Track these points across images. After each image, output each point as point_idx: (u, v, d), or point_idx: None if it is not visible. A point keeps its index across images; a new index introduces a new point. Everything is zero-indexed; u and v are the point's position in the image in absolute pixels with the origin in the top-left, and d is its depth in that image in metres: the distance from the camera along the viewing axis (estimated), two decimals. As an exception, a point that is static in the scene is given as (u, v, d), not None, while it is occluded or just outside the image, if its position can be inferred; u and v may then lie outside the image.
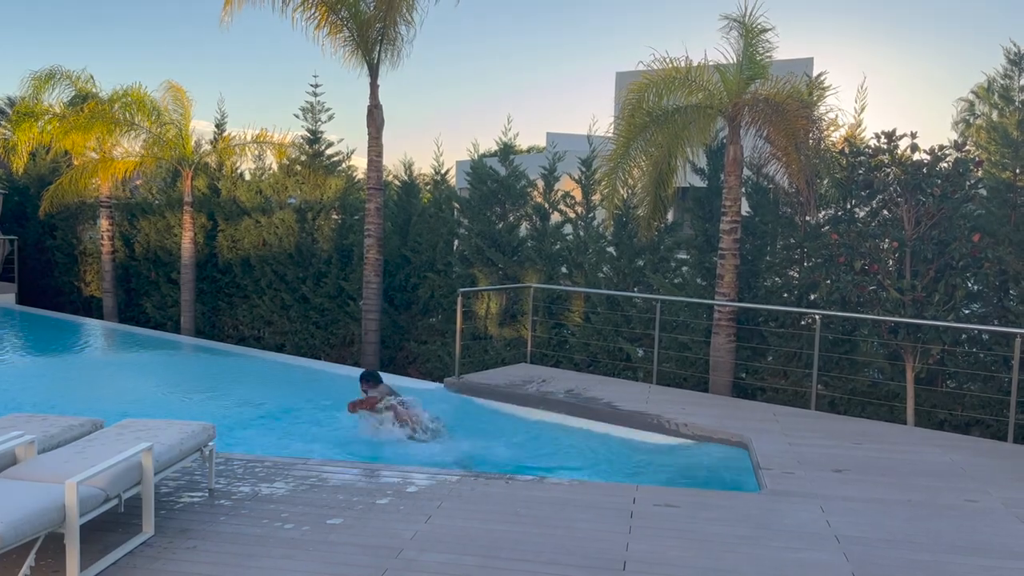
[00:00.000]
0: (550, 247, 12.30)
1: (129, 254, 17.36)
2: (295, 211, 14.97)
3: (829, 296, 9.22)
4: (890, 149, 8.87)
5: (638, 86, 9.81)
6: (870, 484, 6.17)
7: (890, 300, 8.66)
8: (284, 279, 14.95)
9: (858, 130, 10.12)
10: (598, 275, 11.77)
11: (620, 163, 9.96)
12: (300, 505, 5.32)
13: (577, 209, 12.29)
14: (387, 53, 12.72)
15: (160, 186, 17.21)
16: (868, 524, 5.32)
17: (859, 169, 9.22)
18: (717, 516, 5.37)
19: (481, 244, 12.61)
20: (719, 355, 9.72)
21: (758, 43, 9.49)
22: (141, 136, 15.68)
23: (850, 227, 9.22)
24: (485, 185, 12.85)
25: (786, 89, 9.32)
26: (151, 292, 17.03)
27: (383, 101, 12.86)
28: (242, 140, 15.98)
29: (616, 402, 8.65)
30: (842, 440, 7.44)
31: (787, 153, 9.19)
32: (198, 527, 4.88)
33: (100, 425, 5.62)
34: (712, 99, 9.63)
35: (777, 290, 10.29)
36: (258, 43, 65.51)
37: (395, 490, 5.72)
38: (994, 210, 8.91)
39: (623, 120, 9.88)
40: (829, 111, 9.54)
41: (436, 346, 13.04)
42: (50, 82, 15.98)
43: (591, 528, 5.10)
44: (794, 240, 10.13)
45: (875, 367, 9.59)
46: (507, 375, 10.03)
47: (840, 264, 9.09)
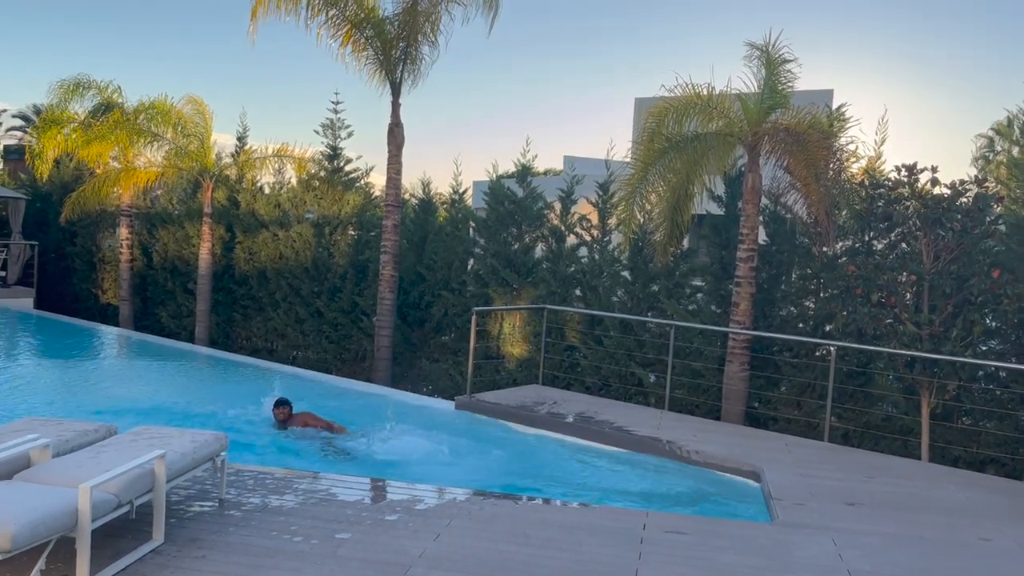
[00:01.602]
0: (565, 269, 12.31)
1: (147, 263, 17.51)
2: (313, 226, 15.07)
3: (845, 328, 9.17)
4: (910, 182, 8.86)
5: (658, 111, 9.85)
6: (883, 519, 6.11)
7: (907, 334, 8.60)
8: (299, 293, 15.02)
9: (878, 162, 10.11)
10: (612, 299, 11.76)
11: (638, 187, 9.98)
12: (309, 518, 5.31)
13: (593, 232, 12.31)
14: (409, 73, 12.87)
15: (180, 197, 17.38)
16: (881, 559, 5.25)
17: (878, 201, 9.21)
18: (728, 545, 5.33)
19: (496, 264, 12.64)
20: (732, 383, 9.67)
21: (780, 73, 9.53)
22: (164, 147, 15.88)
23: (868, 259, 9.19)
24: (502, 206, 12.90)
25: (807, 119, 9.34)
26: (167, 301, 17.15)
27: (404, 119, 12.98)
28: (263, 153, 16.15)
29: (628, 427, 8.61)
30: (855, 473, 7.37)
31: (806, 183, 9.19)
32: (208, 536, 4.88)
33: (114, 431, 5.65)
34: (732, 127, 9.66)
35: (792, 320, 10.24)
36: (282, 59, 66.25)
37: (404, 507, 5.71)
38: (1014, 247, 8.86)
39: (642, 145, 9.92)
40: (850, 143, 9.53)
41: (448, 364, 13.05)
42: (77, 91, 16.25)
43: (600, 552, 5.06)
44: (811, 270, 10.10)
45: (890, 401, 9.51)
46: (519, 396, 10.01)
47: (857, 296, 9.05)
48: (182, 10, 63.49)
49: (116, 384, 11.10)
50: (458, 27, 12.65)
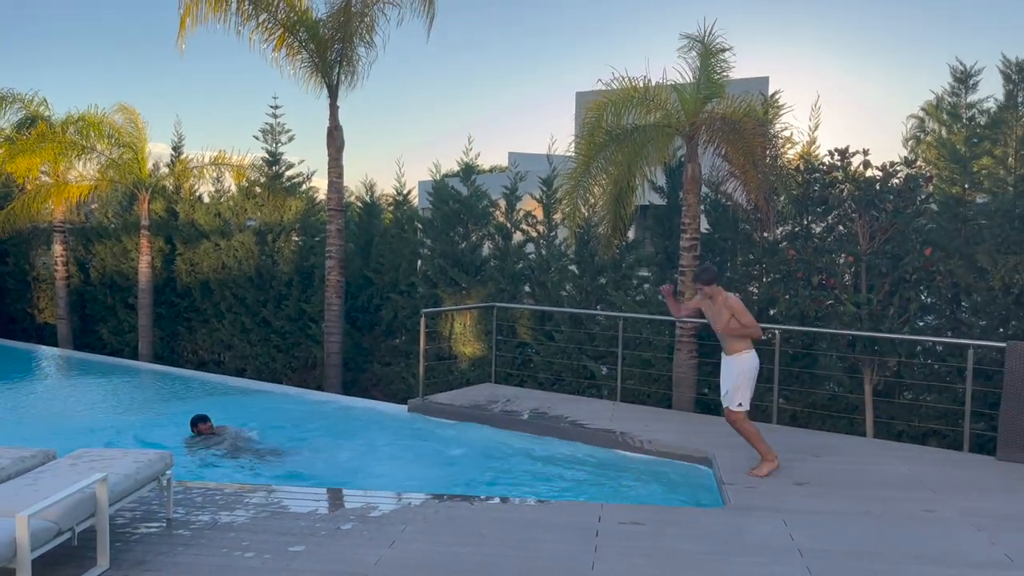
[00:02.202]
0: (513, 266, 12.32)
1: (84, 279, 17.03)
2: (255, 233, 14.81)
3: (788, 311, 9.34)
4: (843, 166, 9.07)
5: (597, 105, 9.91)
6: (831, 496, 6.24)
7: (847, 314, 8.81)
8: (244, 302, 14.76)
9: (813, 147, 10.32)
10: (561, 293, 11.80)
11: (581, 181, 10.03)
12: (261, 533, 5.22)
13: (539, 228, 12.33)
14: (346, 74, 12.72)
15: (116, 210, 16.93)
16: (830, 537, 5.37)
17: (814, 186, 9.40)
18: (682, 533, 5.39)
19: (444, 264, 12.59)
20: (681, 371, 9.79)
21: (716, 63, 9.65)
22: (96, 159, 15.44)
23: (807, 243, 9.38)
24: (447, 205, 12.85)
25: (742, 108, 9.48)
26: (107, 318, 16.71)
27: (343, 122, 12.84)
28: (200, 162, 15.82)
29: (582, 420, 8.65)
30: (803, 453, 7.52)
31: (744, 171, 9.33)
32: (155, 558, 4.76)
33: (52, 456, 5.47)
34: (670, 118, 9.76)
35: (737, 306, 10.39)
36: (215, 64, 64.99)
37: (358, 515, 5.65)
38: (944, 224, 9.13)
39: (583, 139, 9.97)
40: (784, 129, 9.72)
41: (400, 367, 12.96)
42: (1, 105, 15.69)
43: (556, 548, 5.07)
44: (753, 256, 10.27)
45: (834, 380, 9.72)
46: (472, 395, 9.99)
47: (798, 279, 9.24)
48: (111, 23, 61.85)
49: (55, 407, 10.77)
50: (394, 28, 12.55)
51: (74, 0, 60.58)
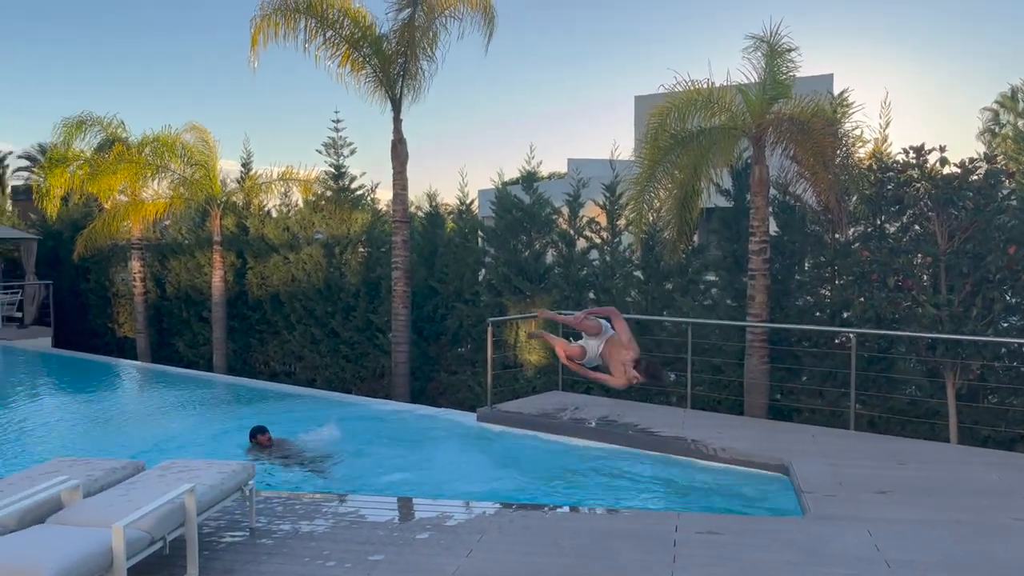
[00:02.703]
0: (577, 273, 12.29)
1: (160, 294, 17.61)
2: (322, 246, 15.12)
3: (863, 314, 9.11)
4: (919, 163, 8.80)
5: (660, 109, 9.83)
6: (916, 505, 6.05)
7: (926, 316, 8.54)
8: (313, 314, 15.06)
9: (884, 145, 10.05)
10: (626, 300, 11.72)
11: (646, 186, 9.96)
12: (341, 542, 5.31)
13: (603, 234, 12.29)
14: (409, 88, 12.89)
15: (189, 226, 17.48)
16: (917, 547, 5.20)
17: (888, 185, 9.15)
18: (762, 543, 5.29)
19: (508, 272, 12.64)
20: (753, 377, 9.62)
21: (782, 63, 9.49)
22: (170, 178, 15.98)
23: (881, 243, 9.13)
24: (510, 214, 12.90)
25: (811, 107, 9.30)
26: (183, 331, 17.24)
27: (406, 133, 13.01)
28: (268, 178, 16.23)
29: (652, 428, 8.57)
30: (884, 460, 7.31)
31: (814, 171, 9.14)
32: (242, 567, 4.88)
33: (142, 467, 5.66)
34: (735, 120, 9.63)
35: (809, 309, 10.19)
36: (281, 81, 66.56)
37: (434, 524, 5.70)
38: (1028, 221, 8.78)
39: (647, 143, 9.90)
40: (855, 128, 9.49)
41: (466, 376, 13.04)
42: (81, 128, 16.40)
43: (634, 558, 5.03)
44: (824, 258, 10.05)
45: (914, 384, 9.43)
46: (539, 403, 9.99)
47: (873, 281, 8.99)
48: (178, 43, 63.90)
49: (139, 418, 11.15)
50: (454, 41, 12.69)
51: (146, 27, 62.82)
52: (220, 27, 60.97)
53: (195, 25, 62.20)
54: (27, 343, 17.44)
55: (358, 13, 12.64)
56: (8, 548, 3.98)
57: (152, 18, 60.60)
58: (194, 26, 61.93)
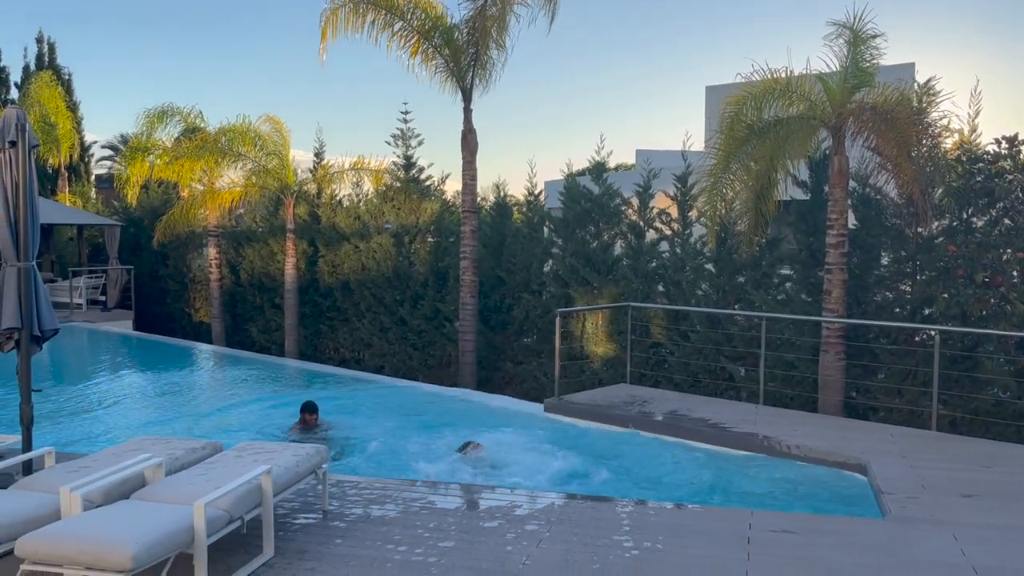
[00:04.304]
0: (646, 265, 12.14)
1: (235, 280, 18.08)
2: (392, 235, 15.29)
3: (947, 311, 8.76)
4: (1012, 154, 8.40)
5: (737, 99, 9.61)
6: (1004, 511, 5.79)
7: (1016, 314, 8.16)
8: (382, 302, 15.26)
9: (973, 136, 9.62)
10: (696, 293, 11.53)
11: (720, 177, 9.75)
12: (411, 528, 5.36)
13: (673, 226, 12.10)
14: (480, 78, 12.91)
15: (263, 214, 17.89)
16: (1006, 554, 4.98)
17: (977, 176, 8.76)
18: (840, 543, 5.13)
19: (575, 263, 12.56)
20: (828, 373, 9.35)
21: (865, 50, 9.16)
22: (246, 166, 16.36)
23: (968, 238, 8.76)
24: (578, 204, 12.82)
25: (895, 96, 8.95)
26: (256, 317, 17.67)
27: (476, 124, 13.03)
28: (340, 168, 16.48)
29: (723, 423, 8.42)
30: (968, 463, 7.02)
31: (897, 163, 8.81)
32: (315, 548, 4.97)
33: (219, 448, 5.81)
34: (814, 109, 9.35)
35: (888, 305, 9.84)
36: (353, 71, 67.59)
37: (503, 513, 5.70)
38: None
39: (722, 134, 9.68)
40: (942, 117, 9.09)
41: (532, 366, 13.03)
42: (162, 119, 16.93)
43: (706, 555, 4.95)
44: (905, 253, 9.68)
45: (1000, 385, 9.03)
46: (607, 396, 9.91)
47: (958, 277, 8.64)
48: (251, 34, 65.45)
49: (216, 401, 11.47)
50: (524, 28, 12.66)
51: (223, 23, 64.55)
52: (295, 17, 62.17)
53: (271, 15, 63.61)
54: (111, 325, 18.13)
55: (428, 4, 12.71)
56: (95, 522, 4.13)
57: (230, 12, 62.21)
58: (270, 16, 63.34)
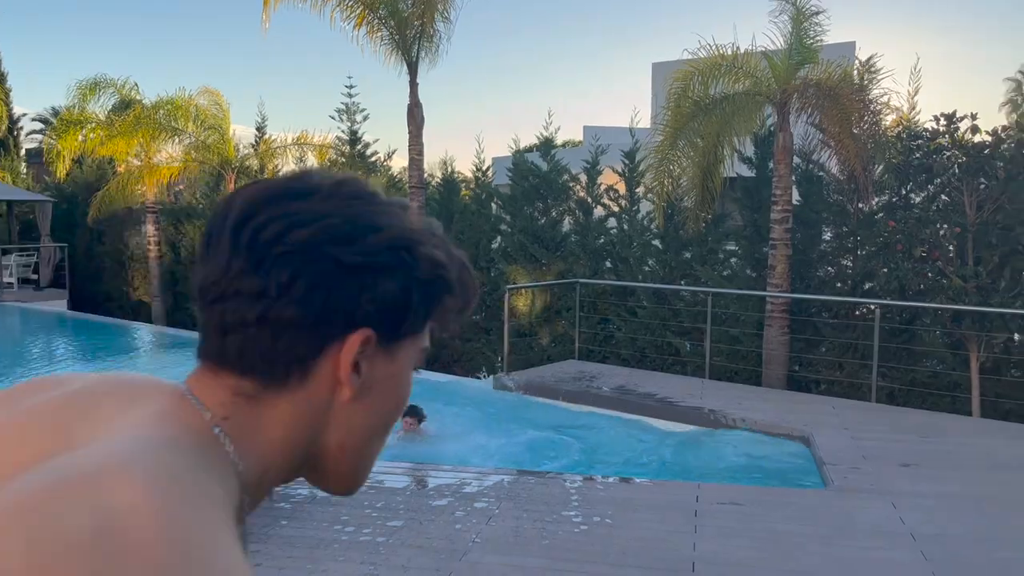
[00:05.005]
0: (594, 241, 12.17)
1: (175, 258, 17.59)
2: (337, 212, 15.00)
3: (887, 285, 8.96)
4: (950, 131, 8.60)
5: (683, 74, 9.63)
6: (941, 479, 5.97)
7: (952, 288, 8.39)
8: (328, 280, 15.00)
9: (912, 113, 9.83)
10: (643, 269, 11.61)
11: (667, 154, 9.79)
12: (359, 507, 5.28)
13: (621, 203, 12.13)
14: (426, 51, 12.68)
15: (203, 190, 17.41)
16: (943, 521, 5.13)
17: (916, 153, 8.95)
18: (786, 514, 5.22)
19: (524, 240, 12.52)
20: (772, 347, 9.52)
21: (808, 27, 9.26)
22: (184, 141, 15.87)
23: (907, 213, 8.96)
24: (526, 180, 12.76)
25: (837, 73, 9.08)
26: (197, 295, 17.22)
27: (422, 99, 12.83)
28: (283, 143, 16.10)
29: (670, 397, 8.50)
30: (907, 433, 7.21)
31: (839, 139, 8.95)
32: (259, 530, 4.85)
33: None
34: (760, 86, 9.43)
35: (830, 280, 10.05)
36: (295, 43, 66.16)
37: (453, 491, 5.66)
38: (1060, 192, 8.58)
39: (669, 110, 9.71)
40: (883, 95, 9.27)
41: (480, 344, 12.99)
42: (95, 91, 16.26)
43: (655, 528, 4.98)
44: (847, 228, 9.88)
45: (936, 357, 9.31)
46: (555, 372, 9.93)
47: (898, 252, 8.84)
48: (190, 5, 63.52)
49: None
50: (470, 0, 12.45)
51: (157, -13, 62.45)
52: (233, -10, 60.45)
53: (208, -12, 61.72)
54: (43, 305, 17.50)
55: (374, -26, 12.41)
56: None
57: (164, -20, 60.20)
58: (207, -11, 61.45)
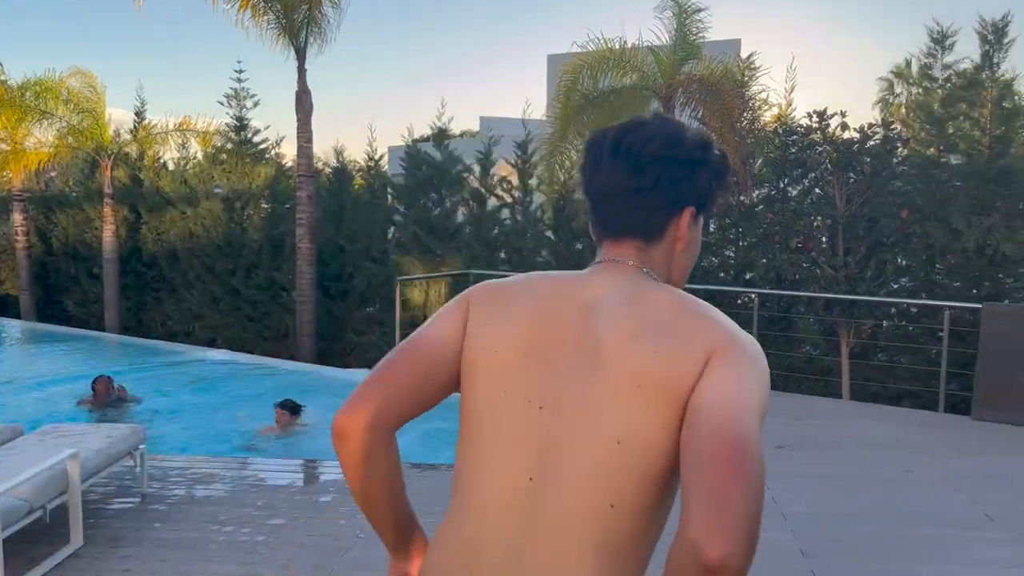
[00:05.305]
0: (488, 232, 12.18)
1: (46, 249, 16.58)
2: (223, 201, 14.49)
3: (766, 274, 9.35)
4: (821, 128, 9.02)
5: (572, 67, 9.75)
6: (812, 460, 6.27)
7: (824, 277, 8.83)
8: (213, 271, 14.48)
9: (789, 110, 10.27)
10: (537, 259, 11.71)
11: (557, 146, 9.90)
12: (239, 507, 5.11)
13: (514, 194, 12.19)
14: (315, 37, 12.37)
15: (77, 177, 16.45)
16: (813, 500, 5.38)
17: (792, 148, 9.36)
18: (666, 498, 5.36)
19: (418, 231, 12.42)
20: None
21: (691, 23, 9.52)
22: (55, 125, 14.95)
23: (784, 206, 9.36)
24: (420, 170, 12.65)
25: (719, 70, 9.38)
26: (71, 288, 16.31)
27: (312, 86, 12.53)
28: (164, 128, 15.39)
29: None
30: (782, 416, 7.54)
31: (721, 133, 9.26)
32: (131, 534, 4.63)
33: (20, 432, 5.28)
34: (646, 80, 9.64)
35: (714, 270, 10.40)
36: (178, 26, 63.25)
37: (338, 487, 5.55)
38: (920, 186, 9.15)
39: (559, 102, 9.82)
40: (761, 91, 9.65)
41: (375, 336, 12.82)
42: (-47, 69, 15.09)
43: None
44: (730, 220, 10.24)
45: (811, 343, 9.78)
46: (448, 363, 9.88)
47: (775, 243, 9.22)
48: (65, -21, 59.84)
49: (20, 380, 10.50)
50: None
51: (26, -40, 58.52)
52: (111, -33, 57.31)
53: (83, -37, 58.31)
54: None
55: (259, -46, 12.01)
56: None
57: (35, -47, 56.56)
58: (82, -36, 58.06)
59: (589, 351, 1.20)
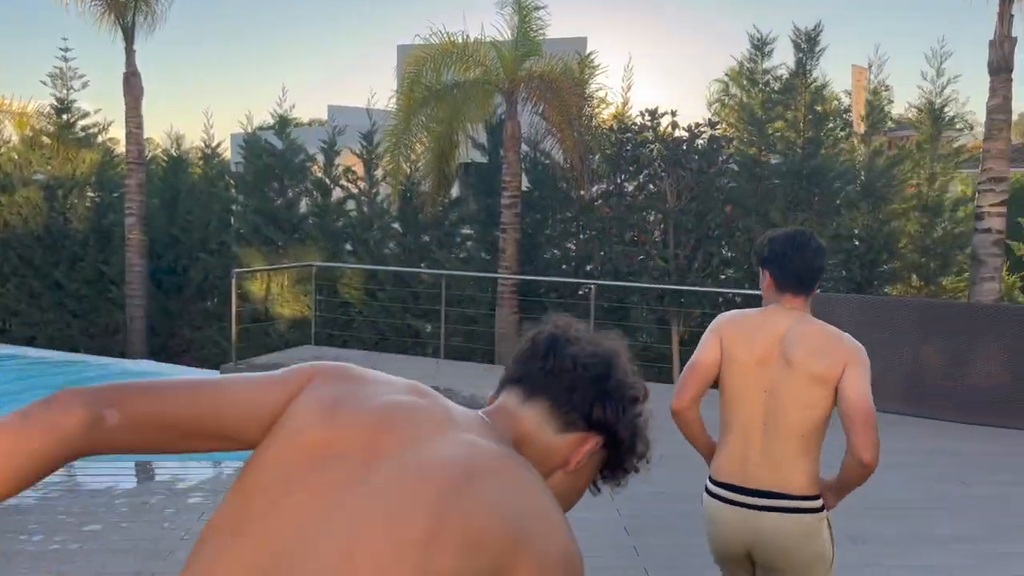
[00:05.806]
0: (333, 224, 11.96)
1: None
2: (42, 188, 13.43)
3: (603, 266, 9.71)
4: (653, 126, 9.47)
5: (415, 59, 9.73)
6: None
7: (657, 269, 9.28)
8: (31, 264, 13.40)
9: (626, 108, 10.69)
10: (384, 252, 11.62)
11: (402, 138, 9.86)
12: (50, 514, 4.79)
13: (360, 185, 12.03)
14: (144, 16, 11.69)
15: None
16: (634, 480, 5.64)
17: (627, 145, 9.76)
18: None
19: (259, 221, 12.02)
20: (504, 327, 9.95)
21: (532, 20, 9.72)
22: None
23: (620, 201, 9.75)
24: (260, 159, 12.23)
25: (559, 67, 9.63)
26: None
27: (146, 70, 11.85)
28: (-27, 108, 14.06)
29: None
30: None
31: (561, 129, 9.53)
32: (-79, 552, 4.24)
33: None
34: (489, 75, 9.76)
35: (556, 262, 10.69)
36: (-7, -2, 57.93)
37: (164, 488, 5.33)
38: (743, 183, 9.79)
39: (403, 94, 9.77)
40: (599, 89, 9.99)
41: (213, 331, 12.31)
42: None
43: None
44: (571, 214, 10.56)
45: (646, 331, 10.26)
46: (289, 357, 9.64)
47: (612, 236, 9.60)
48: None
49: None
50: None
51: None
52: (-88, -74, 51.66)
53: None
54: None
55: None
56: None
57: None
58: None
59: (786, 361, 2.38)
